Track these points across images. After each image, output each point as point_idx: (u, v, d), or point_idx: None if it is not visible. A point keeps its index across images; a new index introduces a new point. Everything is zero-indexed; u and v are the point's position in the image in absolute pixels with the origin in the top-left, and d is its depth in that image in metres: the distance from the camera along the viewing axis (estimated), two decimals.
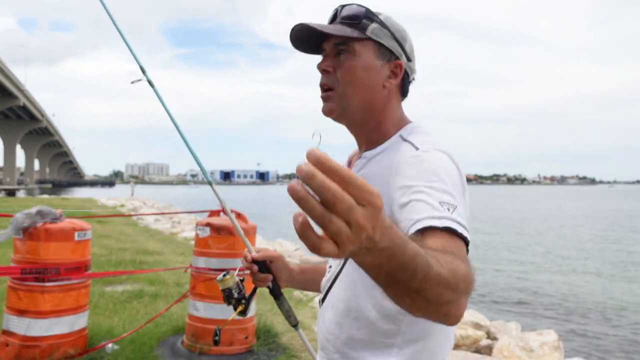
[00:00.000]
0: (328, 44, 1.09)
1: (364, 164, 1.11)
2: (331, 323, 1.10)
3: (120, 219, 16.13)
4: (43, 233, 3.39)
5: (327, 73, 1.09)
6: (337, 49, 1.08)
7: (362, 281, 1.04)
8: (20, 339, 3.37)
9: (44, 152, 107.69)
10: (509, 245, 17.67)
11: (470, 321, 5.20)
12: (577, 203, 53.99)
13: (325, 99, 1.10)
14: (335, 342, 1.09)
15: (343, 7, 1.08)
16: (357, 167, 1.13)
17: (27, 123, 74.84)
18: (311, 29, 1.05)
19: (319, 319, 1.17)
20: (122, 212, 21.55)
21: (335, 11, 1.09)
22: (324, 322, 1.12)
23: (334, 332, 1.09)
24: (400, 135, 1.09)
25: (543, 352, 4.47)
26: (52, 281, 3.40)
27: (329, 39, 1.09)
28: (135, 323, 4.54)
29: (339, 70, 1.08)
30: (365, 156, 1.12)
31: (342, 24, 1.07)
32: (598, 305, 9.03)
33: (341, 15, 1.07)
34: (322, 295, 1.17)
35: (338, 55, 1.08)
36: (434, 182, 0.91)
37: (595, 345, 6.76)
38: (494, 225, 25.90)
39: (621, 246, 17.58)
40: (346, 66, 1.07)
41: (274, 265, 1.29)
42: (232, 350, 3.83)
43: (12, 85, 56.43)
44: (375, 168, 1.07)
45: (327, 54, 1.10)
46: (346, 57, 1.07)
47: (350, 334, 1.06)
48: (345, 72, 1.07)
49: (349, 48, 1.07)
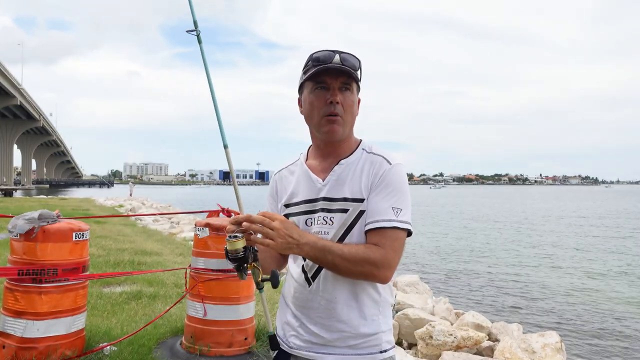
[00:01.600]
0: (335, 81, 1.47)
1: (343, 169, 1.52)
2: (335, 288, 1.47)
3: (118, 219, 16.08)
4: (40, 234, 3.34)
5: (337, 104, 1.47)
6: (343, 86, 1.48)
7: None
8: (17, 341, 3.32)
9: (41, 152, 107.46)
10: (510, 245, 17.67)
11: (472, 322, 5.17)
12: (575, 203, 54.07)
13: (334, 122, 1.48)
14: (342, 299, 1.47)
15: (345, 54, 1.48)
16: (337, 171, 1.52)
17: (24, 122, 74.69)
18: (341, 69, 1.46)
19: (317, 288, 1.50)
20: (121, 212, 21.50)
21: (335, 56, 1.46)
22: (326, 289, 1.48)
23: (339, 292, 1.47)
24: (363, 148, 1.55)
25: (545, 353, 4.45)
26: (49, 282, 3.35)
27: (338, 77, 1.47)
28: (134, 324, 4.50)
29: (344, 102, 1.48)
30: (343, 163, 1.53)
31: (347, 67, 1.46)
32: (600, 306, 9.02)
33: (346, 63, 1.47)
34: (311, 273, 1.50)
35: (340, 90, 1.48)
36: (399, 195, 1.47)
37: (597, 346, 6.74)
38: (494, 225, 25.93)
39: (623, 247, 17.58)
40: (349, 100, 1.49)
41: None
42: (231, 352, 3.79)
43: (8, 84, 56.31)
44: (353, 170, 1.51)
45: (334, 88, 1.47)
46: (349, 94, 1.49)
47: (352, 288, 1.48)
48: (349, 105, 1.49)
49: (350, 87, 1.49)
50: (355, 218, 1.47)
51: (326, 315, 1.48)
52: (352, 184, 1.49)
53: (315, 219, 1.51)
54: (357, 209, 1.47)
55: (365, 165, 1.50)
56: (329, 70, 1.46)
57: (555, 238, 19.97)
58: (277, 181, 1.66)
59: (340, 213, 1.48)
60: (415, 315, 5.25)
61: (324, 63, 1.46)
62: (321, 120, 1.49)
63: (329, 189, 1.51)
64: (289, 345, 1.54)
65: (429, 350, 4.61)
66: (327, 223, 1.48)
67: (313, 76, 1.48)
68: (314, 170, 1.56)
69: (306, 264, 1.52)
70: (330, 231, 1.48)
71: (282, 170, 1.67)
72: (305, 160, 1.61)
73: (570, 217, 32.29)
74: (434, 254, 15.10)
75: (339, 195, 1.49)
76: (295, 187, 1.58)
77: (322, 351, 1.48)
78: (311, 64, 1.49)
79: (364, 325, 1.46)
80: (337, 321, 1.47)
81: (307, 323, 1.51)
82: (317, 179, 1.54)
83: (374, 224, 1.43)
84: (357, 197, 1.48)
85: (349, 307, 1.47)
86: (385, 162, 1.49)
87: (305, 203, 1.54)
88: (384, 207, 1.44)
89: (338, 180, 1.51)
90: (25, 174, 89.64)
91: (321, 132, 1.51)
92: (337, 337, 1.47)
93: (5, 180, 66.43)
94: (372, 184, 1.47)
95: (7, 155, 73.94)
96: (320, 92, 1.48)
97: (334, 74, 1.46)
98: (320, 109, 1.48)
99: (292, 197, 1.57)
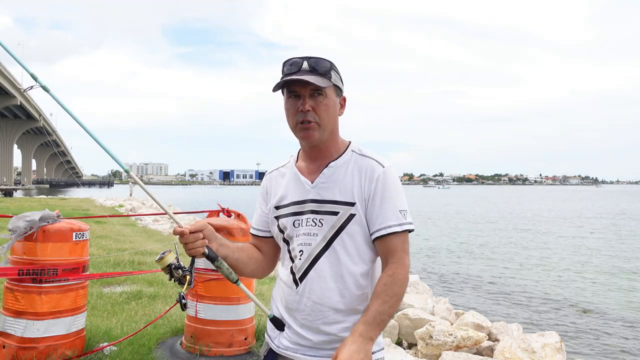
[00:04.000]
0: (305, 89, 1.47)
1: (333, 171, 1.52)
2: (322, 290, 1.48)
3: (118, 219, 16.07)
4: (40, 234, 3.34)
5: (308, 112, 1.47)
6: (313, 92, 1.48)
7: (343, 258, 1.49)
8: (17, 341, 3.32)
9: (41, 152, 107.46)
10: (510, 246, 17.66)
11: (472, 322, 5.17)
12: (569, 204, 54.03)
13: (308, 129, 1.49)
14: (330, 302, 1.48)
15: (312, 60, 1.48)
16: (326, 174, 1.52)
17: (24, 122, 74.68)
18: (301, 80, 1.45)
19: (304, 290, 1.51)
20: (121, 212, 21.49)
21: (303, 63, 1.47)
22: (313, 290, 1.49)
23: (326, 294, 1.48)
24: (352, 150, 1.56)
25: (545, 353, 4.44)
26: (49, 282, 3.35)
27: (307, 84, 1.46)
28: (134, 324, 4.50)
29: (317, 108, 1.48)
30: (332, 165, 1.53)
31: (316, 74, 1.47)
32: (600, 306, 9.02)
33: (315, 69, 1.47)
34: (299, 274, 1.51)
35: (312, 96, 1.48)
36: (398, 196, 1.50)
37: (597, 346, 6.73)
38: (494, 226, 25.92)
39: (623, 247, 17.57)
40: (322, 105, 1.49)
41: (204, 233, 1.48)
42: (231, 352, 3.79)
43: (8, 84, 56.29)
44: (343, 173, 1.51)
45: (304, 96, 1.48)
46: (322, 99, 1.49)
47: (340, 292, 1.48)
48: (323, 110, 1.49)
49: (323, 92, 1.49)
50: (345, 221, 1.47)
51: (312, 317, 1.49)
52: (342, 187, 1.50)
53: (303, 221, 1.52)
54: (347, 212, 1.48)
55: (356, 168, 1.52)
56: (297, 80, 1.46)
57: (555, 238, 19.96)
58: (268, 182, 1.67)
59: (330, 215, 1.49)
60: (415, 315, 5.25)
61: (293, 71, 1.48)
62: (296, 127, 1.51)
63: (318, 190, 1.52)
64: (278, 346, 1.56)
65: (429, 350, 4.61)
66: (317, 225, 1.49)
67: (283, 86, 1.51)
68: (303, 172, 1.58)
69: (294, 265, 1.53)
70: (319, 233, 1.49)
71: (273, 171, 1.68)
72: (295, 162, 1.62)
73: (567, 217, 32.27)
74: (434, 253, 15.10)
75: (329, 198, 1.50)
76: (285, 190, 1.59)
77: (309, 353, 1.50)
78: (284, 69, 1.51)
79: (346, 330, 1.45)
80: (322, 323, 1.48)
81: (294, 325, 1.52)
82: (305, 181, 1.55)
83: (386, 229, 1.45)
84: (348, 201, 1.48)
85: (335, 311, 1.48)
86: (377, 165, 1.50)
87: (294, 205, 1.55)
88: (391, 211, 1.46)
89: (327, 183, 1.52)
90: (25, 174, 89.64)
91: (299, 138, 1.55)
92: (323, 340, 1.49)
93: (5, 180, 66.42)
94: (369, 188, 1.48)
95: (7, 155, 73.92)
96: (292, 100, 1.50)
97: (301, 82, 1.46)
98: (293, 116, 1.50)
99: (282, 199, 1.58)
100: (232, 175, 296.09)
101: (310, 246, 1.50)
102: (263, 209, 1.65)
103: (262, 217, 1.66)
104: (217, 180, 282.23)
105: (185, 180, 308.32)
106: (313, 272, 1.49)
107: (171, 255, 1.50)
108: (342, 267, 1.48)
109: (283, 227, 1.57)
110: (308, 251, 1.50)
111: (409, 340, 5.26)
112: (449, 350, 4.48)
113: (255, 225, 1.68)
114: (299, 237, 1.52)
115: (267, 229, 1.65)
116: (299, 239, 1.52)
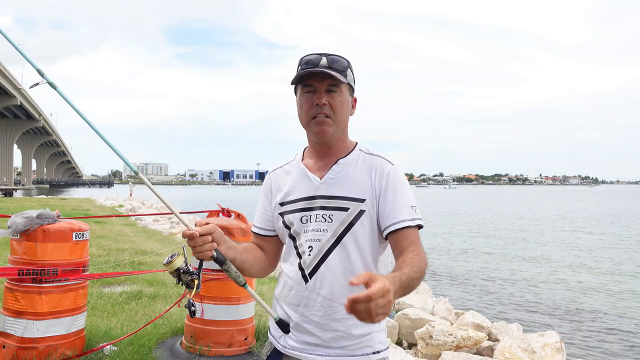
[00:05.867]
0: (322, 84, 1.49)
1: (342, 168, 1.54)
2: (332, 285, 1.48)
3: (118, 219, 16.07)
4: (40, 234, 3.34)
5: (324, 105, 1.49)
6: (330, 88, 1.50)
7: (353, 254, 1.50)
8: (17, 341, 3.32)
9: (41, 152, 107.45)
10: (509, 246, 17.67)
11: (472, 322, 5.17)
12: (564, 204, 54.01)
13: (323, 123, 1.50)
14: (340, 298, 1.46)
15: (331, 57, 1.50)
16: (336, 170, 1.54)
17: (24, 122, 74.67)
18: (318, 75, 1.48)
19: (314, 285, 1.50)
20: (121, 212, 21.49)
21: (321, 59, 1.49)
22: (323, 286, 1.49)
23: (336, 290, 1.48)
24: (360, 149, 1.58)
25: (545, 353, 4.44)
26: (49, 282, 3.35)
27: (324, 79, 1.49)
28: (134, 324, 4.50)
29: (332, 103, 1.50)
30: (341, 162, 1.55)
31: (334, 70, 1.48)
32: (600, 306, 9.01)
33: (333, 65, 1.49)
34: (308, 270, 1.51)
35: (328, 92, 1.50)
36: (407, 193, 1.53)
37: (597, 346, 6.73)
38: (494, 226, 25.92)
39: (623, 247, 17.57)
40: (336, 101, 1.51)
41: (213, 236, 1.45)
42: (231, 352, 3.79)
43: (8, 84, 56.28)
44: (352, 170, 1.54)
45: (320, 91, 1.49)
46: (337, 95, 1.51)
47: (350, 287, 1.38)
48: (337, 106, 1.51)
49: (339, 89, 1.51)
50: (355, 217, 1.48)
51: (322, 313, 1.49)
52: (352, 183, 1.51)
53: (312, 217, 1.52)
54: (357, 208, 1.48)
55: (365, 166, 1.54)
56: (315, 73, 1.48)
57: (556, 238, 19.96)
58: (271, 180, 1.66)
59: (340, 211, 1.49)
60: (415, 315, 5.25)
61: (312, 66, 1.49)
62: (310, 122, 1.52)
63: (327, 187, 1.52)
64: (284, 346, 1.55)
65: (429, 350, 4.61)
66: (326, 221, 1.50)
67: (300, 80, 1.52)
68: (311, 169, 1.58)
69: (303, 261, 1.53)
70: (328, 228, 1.49)
71: (276, 169, 1.67)
72: (301, 160, 1.63)
73: (564, 218, 32.26)
74: (434, 253, 15.10)
75: (339, 194, 1.50)
76: (291, 186, 1.58)
77: (316, 352, 1.49)
78: (300, 67, 1.52)
79: (355, 326, 1.46)
80: (332, 320, 1.48)
81: (302, 322, 1.52)
82: (314, 177, 1.55)
83: (400, 223, 1.46)
84: (358, 197, 1.49)
85: (343, 305, 1.47)
86: (387, 163, 1.54)
87: (302, 201, 1.54)
88: (403, 206, 1.48)
89: (337, 179, 1.52)
90: (26, 174, 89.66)
91: (312, 133, 1.55)
92: (331, 337, 1.48)
93: (5, 180, 66.42)
94: (379, 185, 1.50)
95: (7, 155, 73.93)
96: (308, 95, 1.52)
97: (319, 76, 1.49)
98: (308, 111, 1.52)
99: (288, 195, 1.58)
100: (232, 175, 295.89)
101: (320, 242, 1.50)
102: (266, 207, 1.65)
103: (265, 216, 1.65)
104: (218, 180, 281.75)
105: (185, 180, 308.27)
106: (323, 268, 1.49)
107: (180, 259, 1.48)
108: (352, 263, 1.48)
109: (289, 223, 1.56)
110: (318, 247, 1.50)
111: (409, 340, 5.26)
112: (449, 350, 4.48)
113: (258, 224, 1.67)
114: (308, 233, 1.52)
115: (270, 227, 1.64)
116: (307, 234, 1.52)
